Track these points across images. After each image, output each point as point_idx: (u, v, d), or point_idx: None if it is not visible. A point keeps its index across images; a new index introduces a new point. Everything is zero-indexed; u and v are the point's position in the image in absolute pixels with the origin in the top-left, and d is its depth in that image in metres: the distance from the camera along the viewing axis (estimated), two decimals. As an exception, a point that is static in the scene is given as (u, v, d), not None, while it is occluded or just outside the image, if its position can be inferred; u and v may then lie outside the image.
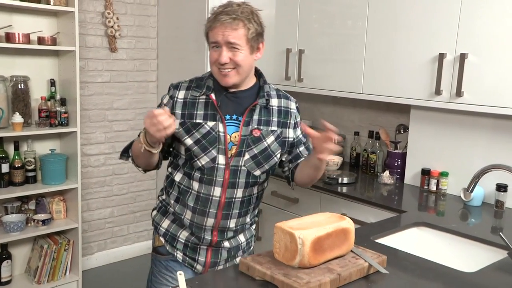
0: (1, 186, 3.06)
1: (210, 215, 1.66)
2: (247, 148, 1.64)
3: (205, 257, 1.72)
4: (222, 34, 1.55)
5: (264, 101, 1.68)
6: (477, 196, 2.29)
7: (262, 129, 1.67)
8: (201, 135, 1.62)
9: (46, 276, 3.22)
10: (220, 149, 1.62)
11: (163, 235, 1.76)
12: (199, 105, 1.65)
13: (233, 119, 1.66)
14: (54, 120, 3.15)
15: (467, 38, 2.21)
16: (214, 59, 1.60)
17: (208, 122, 1.63)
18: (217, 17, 1.57)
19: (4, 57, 3.09)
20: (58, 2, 3.04)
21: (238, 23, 1.56)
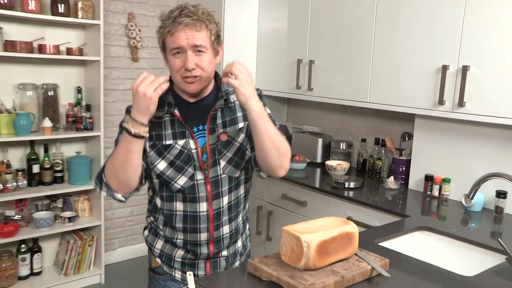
0: (32, 185, 3.11)
1: (202, 230, 1.52)
2: (219, 155, 1.49)
3: (205, 270, 1.59)
4: (186, 38, 1.36)
5: (222, 102, 1.50)
6: (478, 202, 2.25)
7: (228, 131, 1.50)
8: (174, 156, 1.46)
9: (72, 268, 3.27)
10: (196, 165, 1.47)
11: (159, 256, 1.60)
12: (166, 124, 1.47)
13: (200, 130, 1.49)
14: (80, 125, 3.19)
15: (470, 51, 2.18)
16: (178, 66, 1.39)
17: (178, 141, 1.46)
18: (177, 19, 1.37)
19: (37, 67, 3.15)
20: (86, 15, 3.09)
21: (201, 25, 1.38)
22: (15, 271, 3.07)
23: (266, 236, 2.96)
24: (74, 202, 3.35)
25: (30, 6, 2.87)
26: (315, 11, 2.93)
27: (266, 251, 2.96)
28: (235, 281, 1.38)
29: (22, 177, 3.05)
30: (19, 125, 2.92)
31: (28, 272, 3.17)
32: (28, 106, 3.05)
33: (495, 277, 1.50)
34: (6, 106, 3.01)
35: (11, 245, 3.10)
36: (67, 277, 3.25)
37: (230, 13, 3.22)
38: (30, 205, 3.20)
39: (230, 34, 3.23)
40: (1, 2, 2.77)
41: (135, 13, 3.52)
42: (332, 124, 3.35)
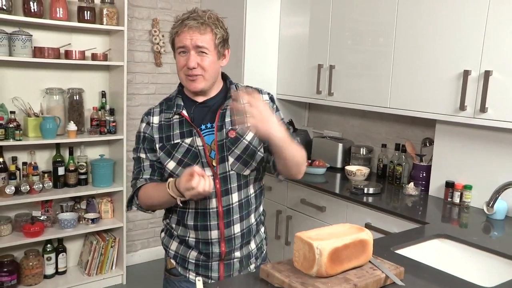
0: (57, 187, 3.18)
1: (212, 227, 1.55)
2: (228, 152, 1.53)
3: (218, 272, 1.60)
4: (190, 38, 1.45)
5: (230, 101, 1.54)
6: (500, 210, 2.18)
7: (237, 128, 1.54)
8: (182, 154, 1.52)
9: (95, 269, 3.32)
10: (204, 162, 1.51)
11: (174, 258, 1.65)
12: (174, 125, 1.55)
13: (208, 127, 1.54)
14: (103, 129, 3.25)
15: (492, 56, 2.12)
16: (182, 64, 1.49)
17: (185, 140, 1.52)
18: (184, 22, 1.46)
19: (63, 72, 3.22)
20: (111, 22, 3.14)
21: (205, 28, 1.46)
22: (41, 270, 3.14)
23: (285, 240, 2.95)
24: (97, 203, 3.41)
25: (58, 14, 2.94)
26: (336, 17, 2.92)
27: (285, 255, 2.95)
28: (247, 287, 1.38)
29: (48, 179, 3.12)
30: (46, 128, 2.99)
31: (54, 271, 3.23)
32: (54, 110, 3.12)
33: (516, 289, 1.45)
34: (34, 110, 3.09)
35: (37, 244, 3.17)
36: (90, 277, 3.30)
37: (252, 19, 3.24)
38: (55, 206, 3.28)
39: (251, 39, 3.24)
40: (31, 10, 2.85)
41: (159, 19, 3.57)
42: (353, 129, 3.31)
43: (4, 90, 3.03)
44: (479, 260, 1.80)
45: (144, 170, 1.59)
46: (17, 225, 3.06)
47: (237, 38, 3.26)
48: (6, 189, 2.90)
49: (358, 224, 1.46)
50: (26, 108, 3.06)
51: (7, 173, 2.96)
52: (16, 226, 3.07)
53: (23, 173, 3.07)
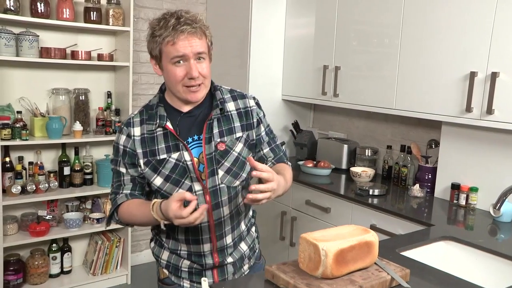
0: (63, 187, 3.19)
1: (204, 241, 1.49)
2: (217, 165, 1.45)
3: (212, 278, 1.55)
4: (190, 46, 1.34)
5: (218, 111, 1.46)
6: (507, 212, 2.17)
7: (226, 140, 1.46)
8: (169, 170, 1.42)
9: (100, 268, 3.33)
10: (192, 177, 1.43)
11: (166, 267, 1.58)
12: (158, 139, 1.43)
13: (195, 140, 1.45)
14: (109, 129, 3.25)
15: (499, 57, 2.11)
16: (180, 76, 1.37)
17: (172, 155, 1.42)
18: (178, 28, 1.33)
19: (69, 72, 3.24)
20: (116, 23, 3.15)
21: (201, 32, 1.37)
22: (47, 269, 3.16)
23: (289, 241, 2.94)
24: (102, 203, 3.41)
25: (65, 14, 2.96)
26: (341, 18, 2.91)
27: (290, 256, 2.94)
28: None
29: (54, 178, 3.13)
30: (52, 128, 3.00)
31: (59, 271, 3.24)
32: (60, 110, 3.14)
33: (522, 292, 1.44)
34: (40, 110, 3.10)
35: (43, 244, 3.19)
36: (95, 276, 3.31)
37: (257, 20, 3.24)
38: (61, 206, 3.29)
39: (257, 40, 3.25)
40: (38, 11, 2.87)
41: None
42: (358, 131, 3.30)
43: (11, 90, 3.04)
44: (485, 262, 1.79)
45: (125, 185, 1.49)
46: (23, 225, 3.07)
47: (243, 40, 3.26)
48: (12, 189, 2.91)
49: (363, 226, 1.45)
50: (33, 108, 3.07)
51: (13, 172, 2.97)
52: (22, 226, 3.08)
53: (29, 173, 3.08)
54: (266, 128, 1.59)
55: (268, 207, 2.96)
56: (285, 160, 1.64)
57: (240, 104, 1.53)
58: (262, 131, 1.57)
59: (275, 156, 1.61)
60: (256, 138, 1.54)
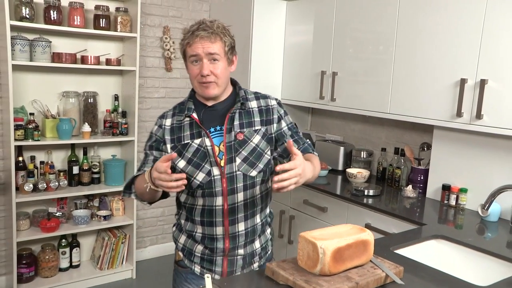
0: (72, 185, 3.20)
1: (217, 223, 1.57)
2: (235, 153, 1.54)
3: (222, 267, 1.61)
4: (202, 47, 1.49)
5: (239, 105, 1.58)
6: (494, 212, 2.19)
7: (244, 131, 1.56)
8: (191, 154, 1.54)
9: (106, 263, 3.34)
10: (212, 161, 1.53)
11: (181, 250, 1.67)
12: (185, 127, 1.58)
13: (217, 130, 1.57)
14: (116, 130, 3.26)
15: (488, 65, 2.13)
16: (196, 73, 1.53)
17: (195, 140, 1.55)
18: (195, 33, 1.50)
19: (79, 76, 3.25)
20: (124, 29, 3.17)
21: (215, 37, 1.50)
22: (57, 263, 3.17)
23: (288, 239, 2.96)
24: (109, 202, 3.42)
25: (76, 21, 2.97)
26: (338, 26, 2.93)
27: (288, 254, 2.95)
28: (253, 284, 1.38)
29: (63, 177, 3.15)
30: (62, 129, 3.01)
31: (68, 265, 3.26)
32: (70, 112, 3.15)
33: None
34: (51, 112, 3.11)
35: (53, 239, 3.20)
36: (102, 271, 3.32)
37: (258, 27, 3.25)
38: (70, 204, 3.30)
39: (258, 47, 3.26)
40: (51, 18, 2.89)
41: (170, 26, 3.59)
42: (354, 133, 3.32)
43: (25, 93, 3.05)
44: (474, 260, 1.81)
45: (147, 163, 1.60)
46: (35, 221, 3.09)
47: (244, 46, 3.27)
48: (25, 186, 2.92)
49: (358, 225, 1.47)
50: (44, 110, 3.08)
51: (26, 171, 2.99)
52: (34, 222, 3.10)
53: (40, 172, 3.10)
54: (289, 124, 1.66)
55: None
56: (311, 150, 1.68)
57: (262, 103, 1.63)
58: (284, 126, 1.63)
59: (299, 146, 1.65)
60: (278, 132, 1.61)
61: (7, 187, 2.99)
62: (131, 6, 3.21)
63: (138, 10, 3.14)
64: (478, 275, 1.70)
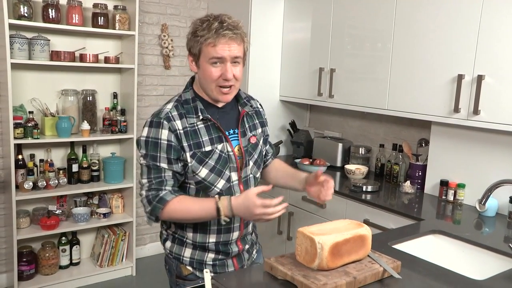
0: (71, 183, 3.20)
1: (235, 229, 1.53)
2: (249, 157, 1.52)
3: (233, 266, 1.58)
4: (229, 50, 1.38)
5: (249, 108, 1.55)
6: (491, 207, 2.19)
7: (256, 134, 1.56)
8: (215, 161, 1.43)
9: (106, 261, 3.34)
10: (232, 167, 1.47)
11: (190, 264, 1.54)
12: (201, 131, 1.43)
13: (231, 133, 1.50)
14: (115, 128, 3.26)
15: (484, 61, 2.13)
16: (216, 76, 1.40)
17: (218, 146, 1.44)
18: (220, 32, 1.37)
19: (78, 74, 3.25)
20: (122, 27, 3.16)
21: (241, 39, 1.42)
22: (57, 261, 3.18)
23: (287, 235, 2.96)
24: (109, 199, 3.43)
25: (74, 20, 2.97)
26: (336, 23, 2.93)
27: (287, 250, 2.96)
28: (252, 279, 1.39)
29: (63, 175, 3.15)
30: (61, 127, 3.01)
31: (68, 262, 3.26)
32: (69, 110, 3.15)
33: (506, 282, 1.46)
34: (51, 110, 3.11)
35: (53, 237, 3.21)
36: (102, 268, 3.33)
37: (257, 25, 3.25)
38: (70, 201, 3.30)
39: (256, 44, 3.26)
40: (50, 17, 2.88)
41: (168, 24, 3.59)
42: (352, 130, 3.32)
43: (24, 92, 3.05)
44: (471, 254, 1.81)
45: (167, 181, 1.42)
46: (35, 219, 3.09)
47: (243, 43, 3.27)
48: (24, 185, 2.93)
49: (356, 220, 1.47)
50: (43, 108, 3.08)
51: (25, 169, 2.99)
52: (34, 219, 3.10)
53: (40, 170, 3.10)
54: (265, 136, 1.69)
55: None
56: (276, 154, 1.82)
57: (253, 103, 1.63)
58: (267, 130, 1.68)
59: (273, 152, 1.76)
60: (267, 135, 1.67)
61: (7, 185, 2.99)
62: (129, 4, 3.20)
63: (136, 8, 3.14)
64: (475, 269, 1.71)
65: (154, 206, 1.40)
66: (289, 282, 1.28)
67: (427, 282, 1.41)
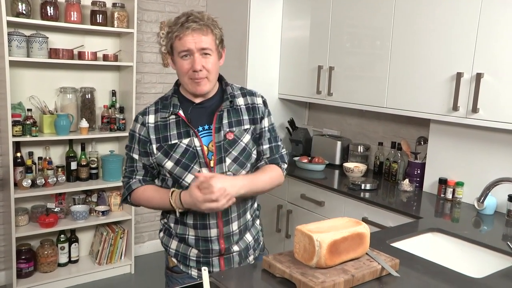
0: (70, 181, 3.20)
1: (212, 226, 1.51)
2: (225, 153, 1.49)
3: (219, 267, 1.56)
4: (194, 42, 1.40)
5: (228, 103, 1.52)
6: (490, 206, 2.20)
7: (234, 130, 1.52)
8: (180, 155, 1.47)
9: (105, 258, 3.35)
10: (201, 162, 1.47)
11: (175, 256, 1.59)
12: (171, 126, 1.49)
13: (205, 129, 1.50)
14: (113, 126, 3.26)
15: (483, 59, 2.13)
16: (186, 68, 1.43)
17: (183, 140, 1.47)
18: (185, 25, 1.40)
19: (76, 72, 3.24)
20: (121, 25, 3.16)
21: (207, 29, 1.42)
22: (56, 258, 3.18)
23: (285, 233, 2.96)
24: (107, 197, 3.43)
25: (72, 17, 2.96)
26: (335, 21, 2.92)
27: (285, 247, 2.96)
28: (250, 277, 1.39)
29: (62, 173, 3.15)
30: (60, 125, 3.01)
31: (67, 260, 3.27)
32: (68, 108, 3.14)
33: (504, 280, 1.47)
34: (49, 108, 3.11)
35: (52, 234, 3.20)
36: (101, 266, 3.33)
37: (255, 22, 3.24)
38: (68, 199, 3.30)
39: (255, 42, 3.25)
40: (48, 14, 2.87)
41: (167, 22, 3.58)
42: (351, 128, 3.32)
43: (22, 89, 3.05)
44: (470, 252, 1.82)
45: (137, 171, 1.54)
46: (33, 216, 3.09)
47: (241, 41, 3.27)
48: (23, 182, 2.92)
49: (355, 218, 1.47)
50: (42, 106, 3.08)
51: (24, 167, 2.99)
52: (32, 217, 3.10)
53: (38, 167, 3.10)
54: (269, 126, 1.63)
55: (265, 200, 2.98)
56: (279, 162, 1.63)
57: (248, 100, 1.58)
58: (265, 127, 1.60)
59: (271, 156, 1.62)
60: (259, 132, 1.59)
61: (5, 183, 2.99)
62: (128, 1, 3.19)
63: (135, 5, 3.13)
64: (473, 267, 1.71)
65: (124, 192, 1.58)
66: (287, 280, 1.28)
67: (425, 280, 1.41)
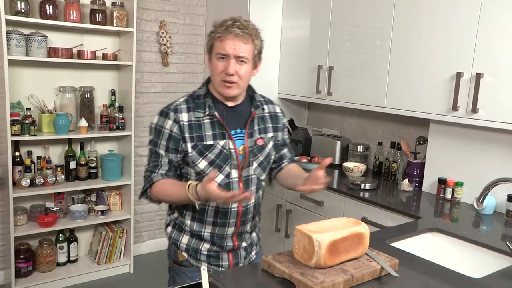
0: (69, 180, 3.20)
1: (230, 224, 1.59)
2: (254, 158, 1.58)
3: (228, 261, 1.63)
4: (233, 47, 1.46)
5: (261, 111, 1.62)
6: (489, 206, 2.20)
7: (264, 137, 1.61)
8: (215, 155, 1.51)
9: (104, 258, 3.35)
10: (233, 164, 1.53)
11: (185, 250, 1.63)
12: (205, 126, 1.52)
13: (237, 133, 1.56)
14: (112, 125, 3.26)
15: (483, 59, 2.13)
16: (220, 69, 1.48)
17: (219, 142, 1.52)
18: (229, 29, 1.46)
19: (75, 71, 3.24)
20: (120, 24, 3.15)
21: (248, 38, 1.47)
22: (54, 258, 3.18)
23: (284, 233, 2.97)
24: (106, 196, 3.43)
25: (71, 16, 2.96)
26: (335, 20, 2.92)
27: (285, 247, 2.97)
28: (250, 277, 1.39)
29: (61, 172, 3.15)
30: (59, 124, 3.01)
31: (66, 259, 3.26)
32: (67, 107, 3.14)
33: (503, 279, 1.47)
34: (48, 107, 3.10)
35: (50, 234, 3.20)
36: (100, 265, 3.33)
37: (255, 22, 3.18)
38: (67, 198, 3.30)
39: (254, 41, 3.25)
40: (47, 13, 2.87)
41: (166, 21, 3.58)
42: (350, 128, 3.33)
43: (21, 88, 3.04)
44: (469, 252, 1.82)
45: (161, 166, 1.55)
46: (32, 216, 3.09)
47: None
48: (22, 182, 2.92)
49: (354, 218, 1.48)
50: (41, 105, 3.08)
51: (23, 166, 2.98)
52: (31, 217, 3.10)
53: (37, 167, 3.10)
54: (287, 135, 1.77)
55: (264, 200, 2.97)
56: (294, 159, 1.83)
57: (270, 108, 1.69)
58: (286, 136, 1.75)
59: (291, 156, 1.79)
60: (282, 140, 1.73)
61: (4, 182, 2.99)
62: (127, 0, 3.19)
63: (135, 4, 3.13)
64: (472, 267, 1.72)
65: (144, 185, 1.57)
66: (286, 280, 1.29)
67: (425, 280, 1.41)
